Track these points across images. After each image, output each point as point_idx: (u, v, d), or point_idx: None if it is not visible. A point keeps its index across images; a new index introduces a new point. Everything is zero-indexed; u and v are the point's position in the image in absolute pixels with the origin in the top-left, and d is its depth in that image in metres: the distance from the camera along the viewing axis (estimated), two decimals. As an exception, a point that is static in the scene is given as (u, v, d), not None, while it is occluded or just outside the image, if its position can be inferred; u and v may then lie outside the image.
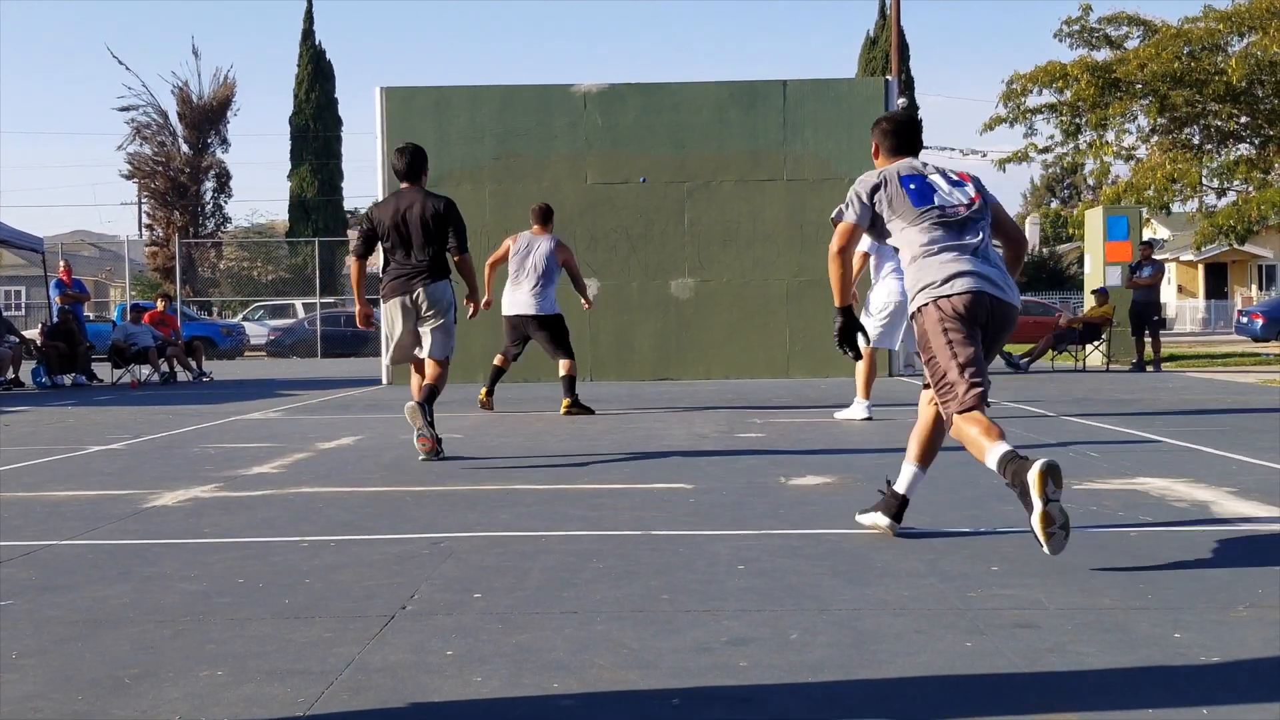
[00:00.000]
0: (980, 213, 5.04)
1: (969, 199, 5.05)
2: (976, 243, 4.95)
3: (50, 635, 3.76)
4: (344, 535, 5.36)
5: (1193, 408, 11.46)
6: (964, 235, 4.96)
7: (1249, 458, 7.56)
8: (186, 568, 4.72)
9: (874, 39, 50.99)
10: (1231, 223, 25.25)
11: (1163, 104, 25.04)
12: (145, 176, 48.20)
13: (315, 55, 49.82)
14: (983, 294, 4.81)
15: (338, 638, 3.67)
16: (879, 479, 6.84)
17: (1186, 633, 3.59)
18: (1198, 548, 4.82)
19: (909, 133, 5.39)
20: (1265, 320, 33.61)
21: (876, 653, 3.43)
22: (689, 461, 7.83)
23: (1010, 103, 26.27)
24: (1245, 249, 46.86)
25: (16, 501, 6.55)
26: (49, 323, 20.48)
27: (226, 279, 49.00)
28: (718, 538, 5.20)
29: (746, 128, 17.72)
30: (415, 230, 8.10)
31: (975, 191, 5.10)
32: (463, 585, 4.34)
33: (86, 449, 9.19)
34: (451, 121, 17.67)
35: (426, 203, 8.14)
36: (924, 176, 5.12)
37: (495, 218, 17.16)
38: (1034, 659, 3.35)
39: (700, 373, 17.54)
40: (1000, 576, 4.34)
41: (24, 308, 52.65)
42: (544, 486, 6.81)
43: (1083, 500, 6.02)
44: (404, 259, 8.18)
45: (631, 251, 17.61)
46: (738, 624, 3.76)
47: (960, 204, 5.03)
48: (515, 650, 3.51)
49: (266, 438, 9.88)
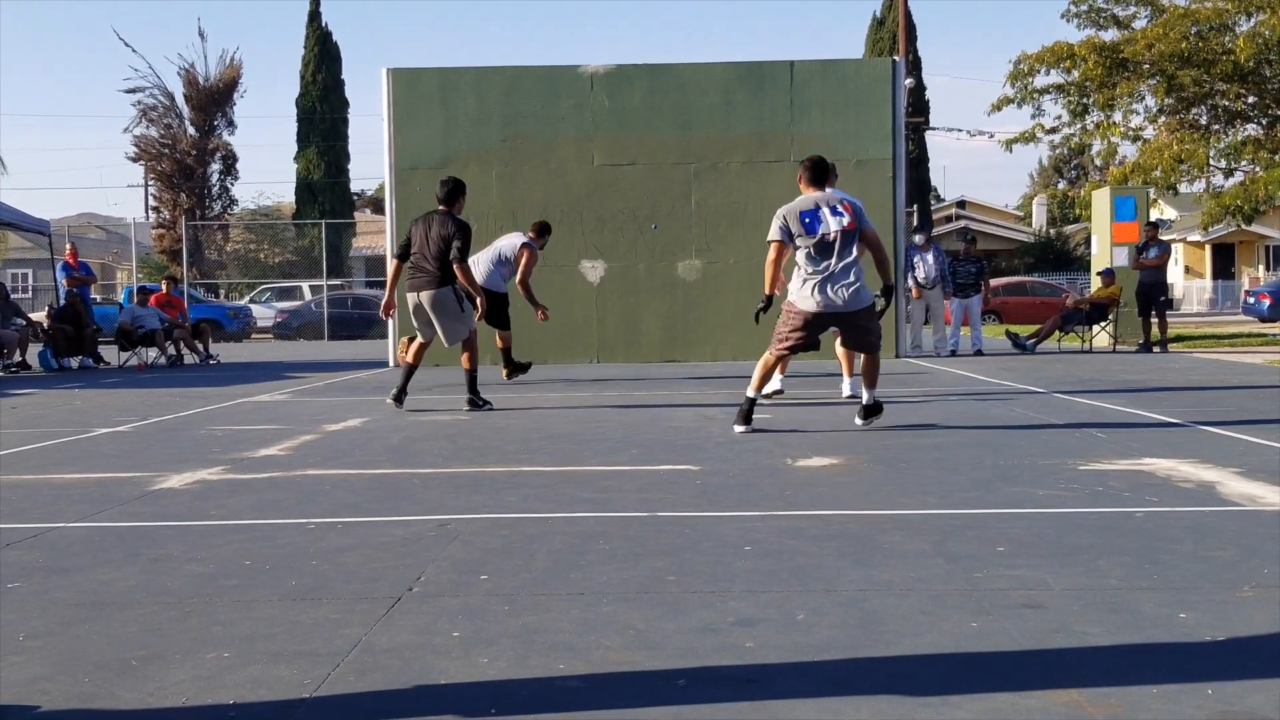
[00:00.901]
0: (851, 234, 8.11)
1: (843, 226, 8.09)
2: (847, 263, 8.08)
3: (57, 617, 3.78)
4: (350, 517, 5.37)
5: (1199, 387, 11.45)
6: (835, 254, 8.06)
7: (1255, 438, 7.56)
8: (193, 550, 4.73)
9: (881, 19, 50.86)
10: (1239, 203, 25.14)
11: (1170, 84, 24.92)
12: (152, 159, 48.14)
13: (322, 37, 49.71)
14: (821, 314, 8.15)
15: (344, 619, 3.68)
16: (886, 460, 6.86)
17: (1192, 613, 3.59)
18: (1203, 528, 4.82)
19: (820, 171, 8.44)
20: (1272, 300, 33.52)
21: (883, 633, 3.43)
22: (695, 443, 7.84)
23: (1017, 83, 26.15)
24: (1252, 229, 46.64)
25: (23, 484, 6.57)
26: (56, 305, 20.51)
27: (233, 261, 48.98)
28: (724, 519, 5.21)
29: (753, 109, 17.66)
30: (434, 244, 9.93)
31: (850, 219, 8.11)
32: (469, 567, 4.34)
33: (93, 431, 9.21)
34: (458, 103, 17.63)
35: (447, 224, 9.95)
36: (817, 210, 8.15)
37: (502, 200, 17.16)
38: (1040, 639, 3.35)
39: (707, 354, 17.52)
40: (1006, 557, 4.34)
41: (31, 290, 52.73)
42: (550, 468, 6.82)
43: (1089, 481, 6.02)
44: (420, 264, 10.01)
45: (638, 233, 17.58)
46: (744, 605, 3.77)
47: (838, 231, 8.08)
48: (522, 631, 3.52)
49: (273, 420, 9.89)
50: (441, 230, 9.93)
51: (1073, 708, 2.81)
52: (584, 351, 17.56)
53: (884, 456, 7.05)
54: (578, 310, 17.45)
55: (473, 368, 10.33)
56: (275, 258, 48.51)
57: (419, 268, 10.02)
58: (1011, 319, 32.80)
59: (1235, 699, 2.86)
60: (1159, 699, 2.86)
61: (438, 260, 9.91)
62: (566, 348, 17.36)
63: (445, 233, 9.92)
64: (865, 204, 16.24)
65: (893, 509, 5.38)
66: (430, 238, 9.95)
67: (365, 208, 65.55)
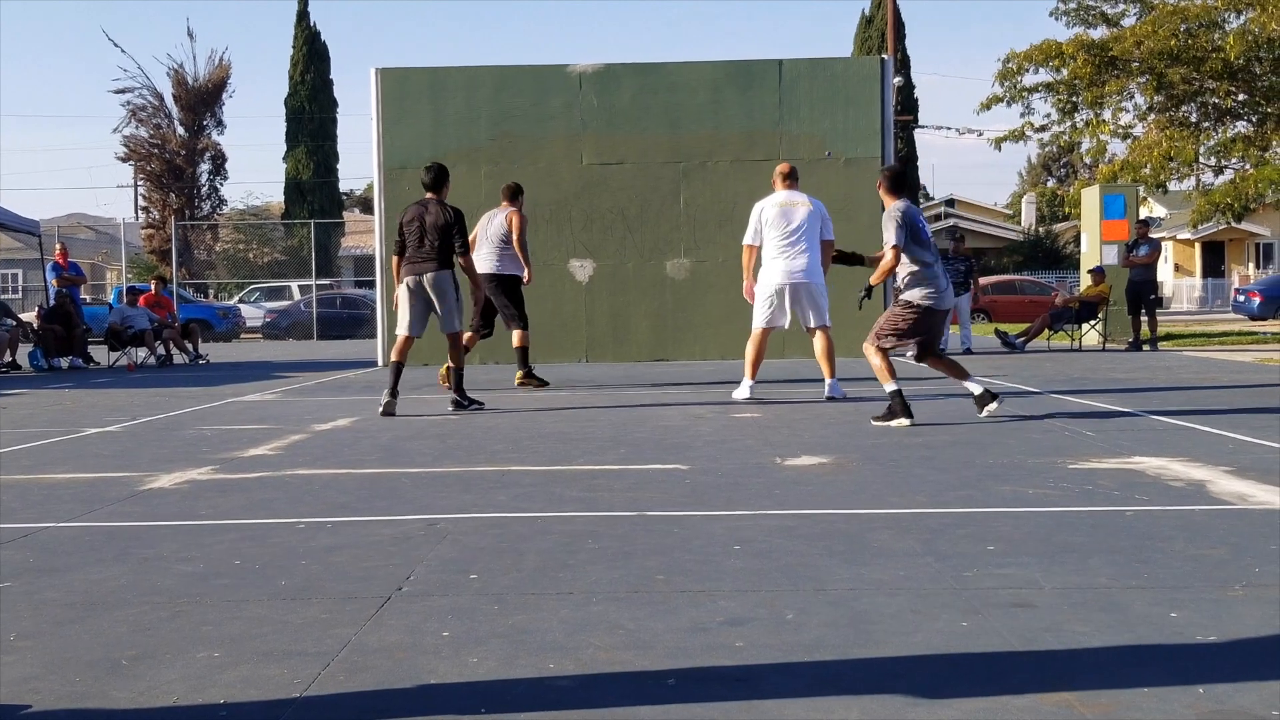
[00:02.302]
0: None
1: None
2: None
3: (48, 617, 3.77)
4: (340, 517, 5.37)
5: (1189, 386, 11.47)
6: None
7: (1245, 436, 7.57)
8: (183, 549, 4.73)
9: (870, 18, 50.85)
10: (1229, 200, 25.20)
11: (1159, 82, 24.95)
12: (141, 159, 48.10)
13: (310, 37, 49.67)
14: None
15: (334, 619, 3.67)
16: (875, 459, 6.86)
17: (1182, 612, 3.60)
18: (1194, 527, 4.83)
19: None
20: (1262, 299, 33.58)
21: (873, 632, 3.44)
22: (685, 442, 7.84)
23: (1006, 82, 26.17)
24: (1242, 227, 46.79)
25: (14, 484, 6.55)
26: (45, 305, 20.45)
27: (222, 261, 48.93)
28: (714, 518, 5.21)
29: (742, 107, 17.66)
30: (428, 230, 9.97)
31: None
32: (459, 566, 4.34)
33: (83, 431, 9.19)
34: (447, 102, 17.61)
35: (442, 213, 10.03)
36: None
37: (491, 199, 16.98)
38: (1030, 638, 3.36)
39: (696, 353, 17.51)
40: (996, 556, 4.35)
41: (21, 290, 52.59)
42: (540, 468, 6.82)
43: (1078, 479, 6.03)
44: (416, 250, 10.03)
45: (627, 232, 17.57)
46: (734, 604, 3.77)
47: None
48: (511, 631, 3.51)
49: (263, 420, 9.88)
50: (437, 220, 9.97)
51: (1064, 707, 2.82)
52: (573, 350, 17.54)
53: (873, 455, 7.05)
54: (566, 309, 17.44)
55: (459, 366, 10.38)
56: (264, 257, 48.45)
57: (417, 254, 10.01)
58: (1001, 317, 32.86)
59: (1226, 698, 2.87)
60: (1150, 698, 2.87)
61: (436, 248, 9.95)
62: (555, 346, 17.34)
63: (442, 221, 9.97)
64: (854, 202, 16.29)
65: (882, 508, 5.38)
66: (427, 226, 9.97)
67: (354, 207, 65.54)
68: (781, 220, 10.24)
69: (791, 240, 10.20)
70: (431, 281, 9.97)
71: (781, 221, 10.23)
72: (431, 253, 9.96)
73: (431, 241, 9.94)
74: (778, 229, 10.23)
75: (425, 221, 10.00)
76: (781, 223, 10.23)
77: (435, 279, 9.97)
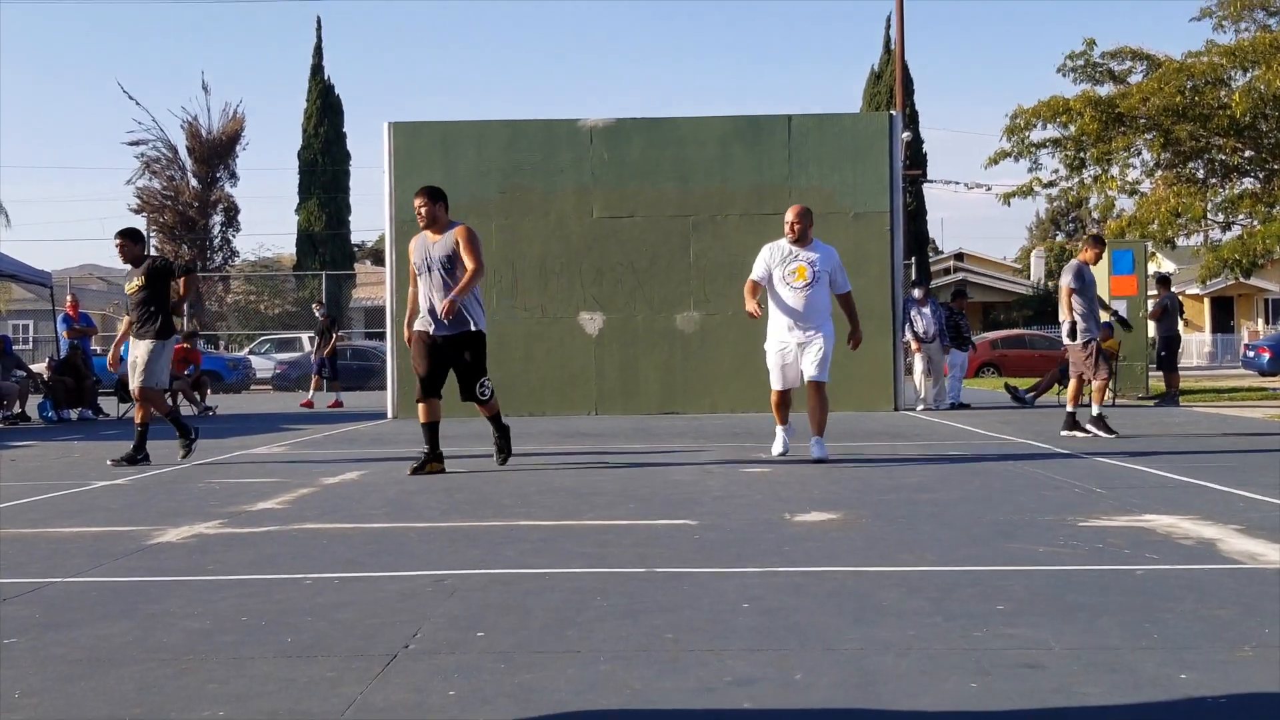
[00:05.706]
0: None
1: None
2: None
3: (53, 674, 3.76)
4: (347, 573, 5.35)
5: (1201, 445, 11.43)
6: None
7: (1256, 494, 7.54)
8: (190, 605, 4.71)
9: (878, 73, 51.18)
10: (1237, 256, 25.24)
11: (1166, 138, 25.06)
12: (154, 210, 48.41)
13: (324, 90, 50.07)
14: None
15: (340, 677, 3.66)
16: (884, 515, 6.84)
17: (1192, 673, 3.57)
18: (1203, 586, 4.80)
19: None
20: (1272, 354, 33.54)
21: (881, 694, 3.41)
22: (693, 497, 7.82)
23: (1014, 137, 26.29)
24: (1251, 282, 46.81)
25: (21, 538, 6.55)
26: (56, 357, 20.53)
27: (233, 312, 49.11)
28: (722, 575, 5.18)
29: (751, 162, 17.77)
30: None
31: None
32: (466, 623, 4.32)
33: (91, 484, 9.19)
34: (459, 156, 17.73)
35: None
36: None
37: (502, 252, 17.19)
38: (1039, 699, 3.34)
39: (706, 406, 17.52)
40: (1006, 615, 4.33)
41: (32, 342, 52.73)
42: (548, 523, 6.80)
43: (1089, 537, 6.00)
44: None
45: (637, 285, 17.63)
46: (742, 664, 3.75)
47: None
48: (518, 690, 3.50)
49: (271, 473, 9.88)
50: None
51: (1072, 770, 2.79)
52: (582, 403, 17.56)
53: (882, 512, 7.03)
54: (576, 362, 17.49)
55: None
56: (275, 309, 48.61)
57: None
58: (1010, 372, 32.83)
59: (1236, 761, 2.84)
60: (1159, 761, 2.85)
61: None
62: (565, 399, 17.37)
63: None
64: (863, 256, 16.33)
65: (892, 565, 5.36)
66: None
67: (365, 259, 65.80)
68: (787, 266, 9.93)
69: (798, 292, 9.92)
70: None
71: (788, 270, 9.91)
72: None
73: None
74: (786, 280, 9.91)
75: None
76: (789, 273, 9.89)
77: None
